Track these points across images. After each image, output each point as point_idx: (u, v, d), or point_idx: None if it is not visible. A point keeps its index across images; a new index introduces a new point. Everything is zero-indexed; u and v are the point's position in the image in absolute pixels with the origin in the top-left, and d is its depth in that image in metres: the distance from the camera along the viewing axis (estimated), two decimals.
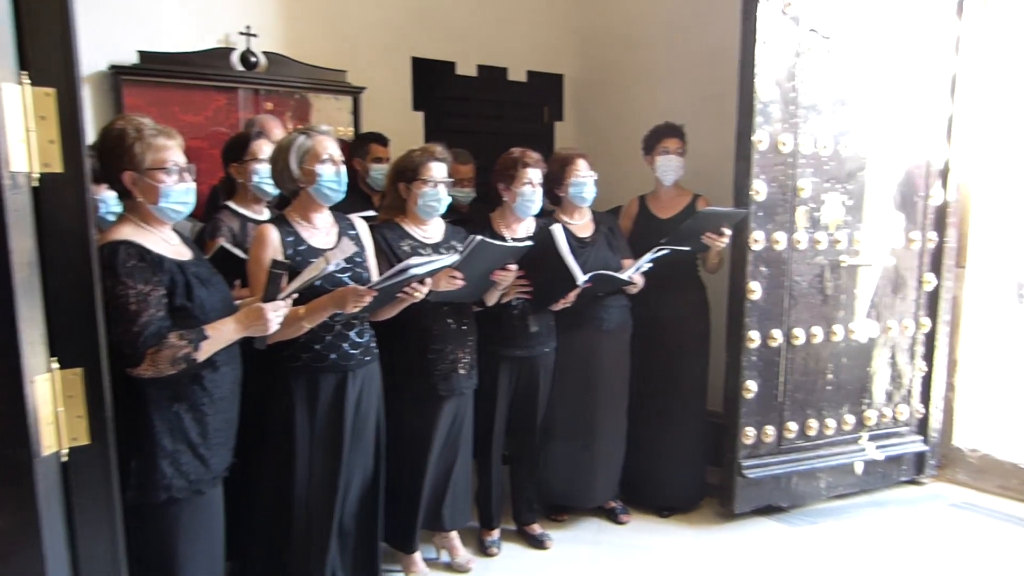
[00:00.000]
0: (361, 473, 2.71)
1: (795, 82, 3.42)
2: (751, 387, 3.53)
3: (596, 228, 3.48)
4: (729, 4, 3.44)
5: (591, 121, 4.79)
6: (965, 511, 3.85)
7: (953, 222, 3.91)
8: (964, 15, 3.77)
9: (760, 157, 3.37)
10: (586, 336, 3.43)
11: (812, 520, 3.71)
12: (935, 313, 3.96)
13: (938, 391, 4.04)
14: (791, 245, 3.53)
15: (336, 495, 2.58)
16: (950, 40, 3.77)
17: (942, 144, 3.83)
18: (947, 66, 3.78)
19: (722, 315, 3.66)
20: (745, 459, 3.60)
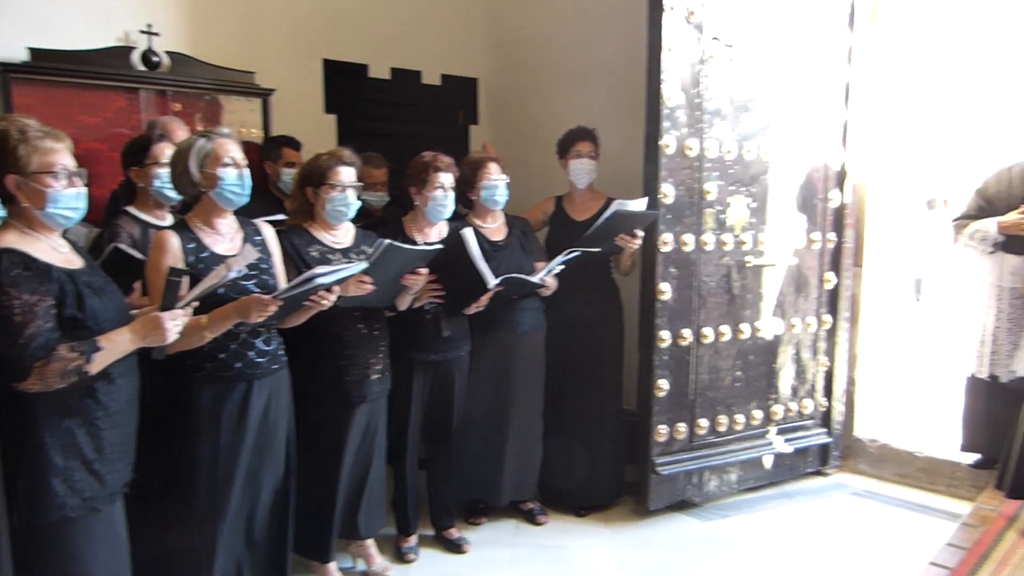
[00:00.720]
0: (271, 483, 2.65)
1: (700, 88, 3.52)
2: (663, 386, 3.61)
3: (509, 231, 3.50)
4: (637, 11, 3.51)
5: (506, 125, 4.81)
6: (865, 499, 4.03)
7: (850, 223, 4.09)
8: (855, 27, 3.95)
9: (668, 161, 3.46)
10: (500, 338, 3.45)
11: (724, 513, 3.81)
12: (835, 310, 4.14)
13: (840, 385, 4.22)
14: (699, 247, 3.62)
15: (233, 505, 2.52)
16: (843, 50, 3.96)
17: (838, 149, 4.01)
18: (841, 75, 3.96)
19: (635, 316, 3.73)
20: (658, 456, 3.67)
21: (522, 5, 4.71)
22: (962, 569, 3.05)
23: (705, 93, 3.54)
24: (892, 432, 4.37)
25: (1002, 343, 3.69)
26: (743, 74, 3.65)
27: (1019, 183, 3.65)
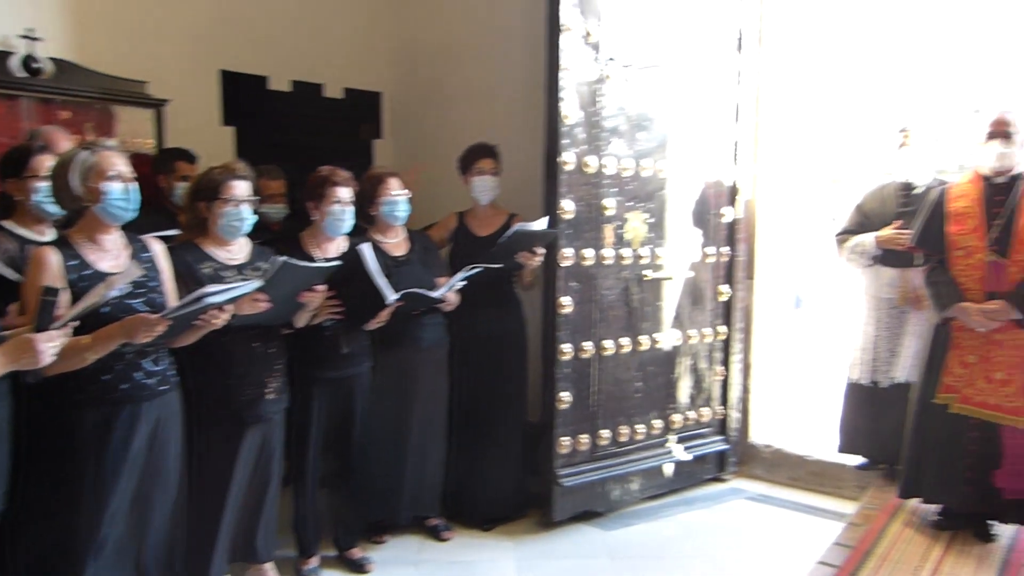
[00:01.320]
0: (162, 508, 2.56)
1: (598, 106, 3.61)
2: (565, 398, 3.66)
3: (411, 246, 3.50)
4: (538, 30, 3.57)
5: (410, 139, 4.81)
6: (760, 503, 4.19)
7: (743, 237, 4.27)
8: (743, 50, 4.15)
9: (567, 177, 3.53)
10: (402, 354, 3.44)
11: (627, 522, 3.89)
12: (730, 321, 4.30)
13: (735, 393, 4.38)
14: (599, 261, 3.70)
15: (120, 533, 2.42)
16: (732, 72, 4.14)
17: (730, 166, 4.18)
18: (730, 95, 4.14)
19: (537, 329, 3.78)
20: (562, 468, 3.71)
21: (426, 21, 4.73)
22: (847, 566, 3.20)
23: (603, 111, 3.63)
24: (785, 438, 4.57)
25: (881, 351, 3.91)
26: (639, 93, 3.76)
27: (892, 200, 3.90)
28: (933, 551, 3.32)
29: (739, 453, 4.47)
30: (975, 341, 3.30)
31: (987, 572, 3.14)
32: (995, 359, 3.26)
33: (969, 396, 3.31)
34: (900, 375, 3.84)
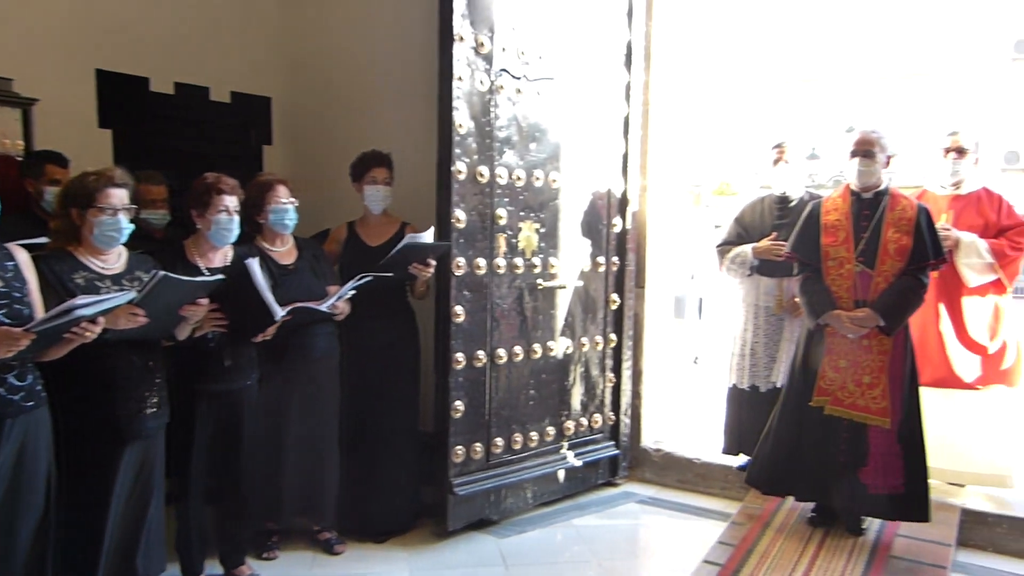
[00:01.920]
0: (28, 527, 2.42)
1: (490, 117, 3.64)
2: (459, 407, 3.66)
3: (299, 255, 3.43)
4: (430, 39, 3.57)
5: (301, 146, 4.71)
6: (651, 505, 4.30)
7: (632, 247, 4.39)
8: (632, 66, 4.27)
9: (460, 187, 3.54)
10: (292, 365, 3.37)
11: (521, 529, 3.92)
12: (620, 329, 4.41)
13: (626, 399, 4.49)
14: (492, 270, 3.73)
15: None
16: (621, 87, 4.25)
17: (619, 177, 4.29)
18: (619, 109, 4.26)
19: (431, 338, 3.77)
20: (456, 477, 3.71)
21: (318, 26, 4.64)
22: (731, 564, 3.33)
23: (495, 122, 3.66)
24: (673, 441, 4.72)
25: (760, 356, 4.09)
26: (531, 105, 3.82)
27: (769, 213, 4.09)
28: (810, 546, 3.49)
29: (630, 457, 4.58)
30: (846, 347, 3.50)
31: (858, 563, 3.33)
32: (863, 364, 3.47)
33: (841, 399, 3.50)
34: (778, 379, 4.02)
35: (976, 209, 3.99)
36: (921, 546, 3.48)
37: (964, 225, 3.95)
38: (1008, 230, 3.94)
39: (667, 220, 4.69)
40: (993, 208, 3.98)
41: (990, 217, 3.96)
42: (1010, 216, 3.99)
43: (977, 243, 3.86)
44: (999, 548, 3.68)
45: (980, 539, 3.72)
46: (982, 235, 3.91)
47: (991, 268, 3.87)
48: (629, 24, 4.24)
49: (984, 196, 4.02)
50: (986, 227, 3.95)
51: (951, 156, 4.03)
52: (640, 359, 4.57)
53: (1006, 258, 3.87)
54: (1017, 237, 3.90)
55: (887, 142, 3.50)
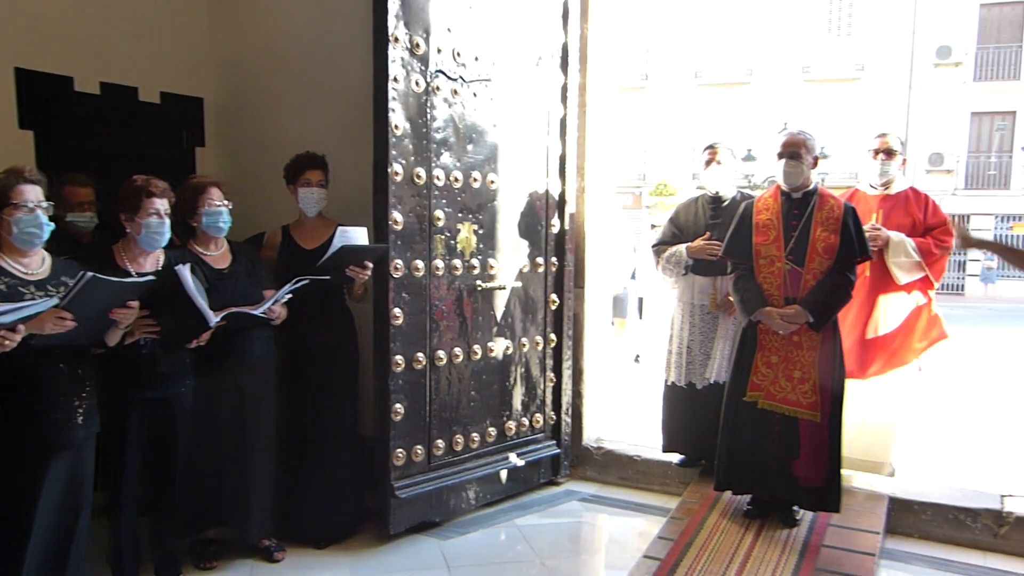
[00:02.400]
0: None
1: (427, 118, 3.63)
2: (399, 410, 3.64)
3: (234, 259, 3.37)
4: (366, 40, 3.54)
5: (235, 147, 4.61)
6: (592, 503, 4.35)
7: (570, 248, 4.43)
8: (569, 68, 4.31)
9: (397, 188, 3.52)
10: (227, 370, 3.31)
11: (464, 531, 3.92)
12: (560, 329, 4.44)
13: (567, 399, 4.52)
14: (430, 271, 3.72)
15: None
16: (557, 88, 4.29)
17: (556, 178, 4.32)
18: (556, 111, 4.29)
19: (370, 341, 3.74)
20: (397, 480, 3.69)
21: (251, 25, 4.55)
22: (670, 559, 3.38)
23: (432, 123, 3.66)
24: (615, 439, 4.77)
25: (696, 354, 4.17)
26: (469, 106, 3.82)
27: (703, 213, 4.17)
28: (746, 538, 3.57)
29: (572, 456, 4.62)
30: (778, 343, 3.59)
31: (792, 554, 3.42)
32: (794, 359, 3.57)
33: (773, 393, 3.60)
34: (714, 376, 4.10)
35: (904, 208, 4.12)
36: (852, 535, 3.59)
37: (893, 224, 4.08)
38: (934, 229, 4.08)
39: (605, 220, 4.74)
40: (920, 207, 4.12)
41: (917, 216, 4.10)
42: (936, 215, 4.13)
43: (906, 242, 3.99)
44: (924, 534, 3.83)
45: (907, 526, 3.86)
46: (910, 234, 4.03)
47: (919, 266, 4.00)
48: (564, 26, 4.27)
49: (912, 195, 4.17)
50: (914, 226, 4.08)
51: (880, 158, 4.16)
52: (580, 358, 4.62)
53: (932, 256, 4.02)
54: (943, 236, 4.04)
55: (813, 143, 3.60)
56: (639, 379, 7.24)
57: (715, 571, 3.29)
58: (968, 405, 7.26)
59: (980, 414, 6.79)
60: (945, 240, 4.04)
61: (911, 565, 3.59)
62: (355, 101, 3.88)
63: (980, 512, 3.76)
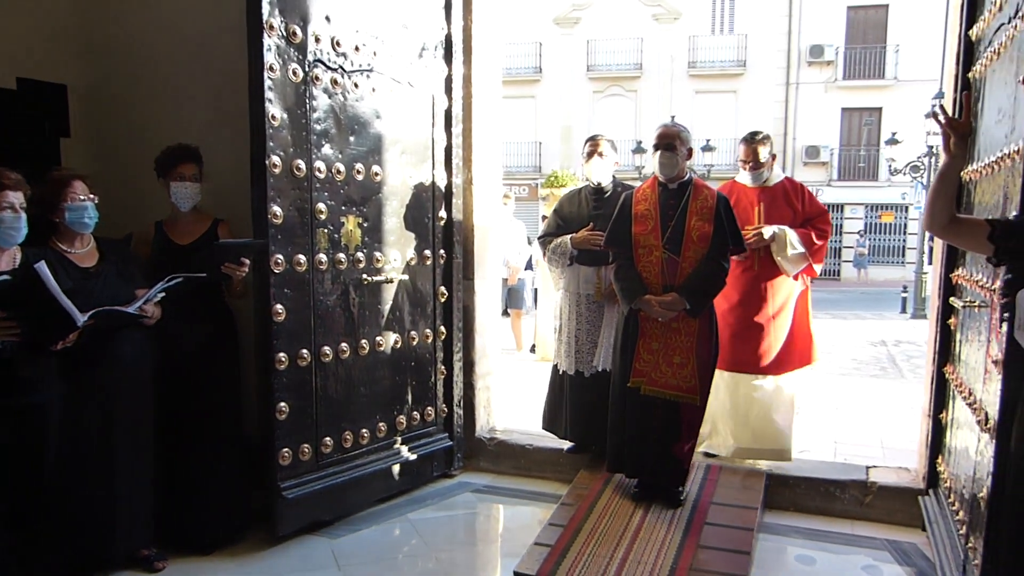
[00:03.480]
0: None
1: (306, 109, 3.54)
2: (284, 408, 3.54)
3: (102, 256, 3.20)
4: (242, 25, 3.42)
5: (104, 138, 4.37)
6: (486, 494, 4.38)
7: (458, 240, 4.42)
8: (453, 60, 4.30)
9: (275, 181, 3.41)
10: (98, 374, 3.14)
11: (355, 528, 3.86)
12: (450, 321, 4.44)
13: (458, 391, 4.52)
14: (314, 266, 3.63)
15: None
16: (442, 79, 4.27)
17: (442, 170, 4.31)
18: (442, 102, 4.27)
19: (252, 339, 3.63)
20: (284, 480, 3.59)
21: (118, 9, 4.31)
22: (560, 544, 3.44)
23: (312, 114, 3.56)
24: (508, 430, 4.81)
25: (584, 343, 4.24)
26: (350, 97, 3.75)
27: (586, 204, 4.25)
28: (633, 520, 3.67)
29: (465, 448, 4.63)
30: (658, 330, 3.70)
31: (677, 532, 3.54)
32: (674, 345, 3.69)
33: (655, 379, 3.71)
34: (601, 364, 4.19)
35: (784, 200, 4.27)
36: (732, 511, 3.74)
37: (775, 216, 4.22)
38: (814, 218, 4.27)
39: (493, 211, 4.77)
40: (798, 198, 4.29)
41: (796, 207, 4.26)
42: (813, 204, 4.32)
43: (788, 235, 4.12)
44: (800, 507, 4.04)
45: (783, 500, 4.07)
46: (791, 225, 4.18)
47: (804, 257, 4.16)
48: (448, 17, 4.26)
49: (788, 187, 4.33)
50: (794, 216, 4.24)
51: (749, 167, 4.27)
52: (471, 350, 4.62)
53: (814, 246, 4.19)
54: (822, 225, 4.24)
55: (687, 135, 3.72)
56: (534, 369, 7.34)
57: (603, 554, 3.36)
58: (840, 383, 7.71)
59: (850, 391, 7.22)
60: (824, 229, 4.23)
61: (787, 537, 3.78)
62: (231, 91, 3.75)
63: (848, 484, 3.99)
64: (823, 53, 24.68)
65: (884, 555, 3.57)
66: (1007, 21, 2.81)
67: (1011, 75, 2.69)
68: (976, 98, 3.42)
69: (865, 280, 24.93)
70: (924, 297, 15.19)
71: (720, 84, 25.67)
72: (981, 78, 3.32)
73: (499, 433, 4.76)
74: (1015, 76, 2.60)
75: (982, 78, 3.30)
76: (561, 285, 4.34)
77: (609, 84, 26.31)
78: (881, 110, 24.97)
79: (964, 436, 3.13)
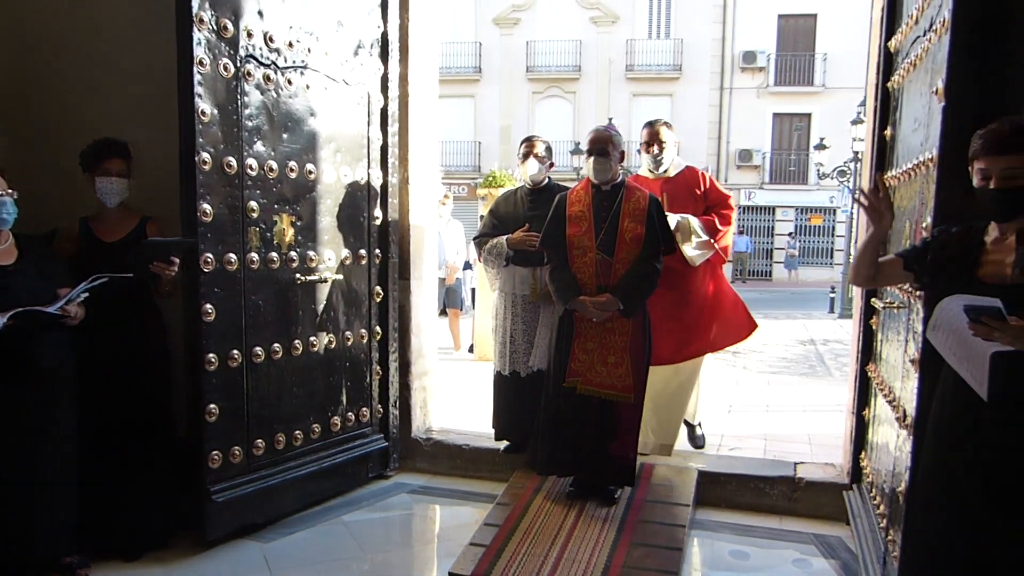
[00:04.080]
0: None
1: (237, 105, 3.47)
2: (214, 410, 3.46)
3: (21, 254, 3.08)
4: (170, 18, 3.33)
5: (25, 131, 4.20)
6: (422, 494, 4.36)
7: (394, 239, 4.40)
8: (389, 58, 4.28)
9: (205, 178, 3.34)
10: (17, 379, 3.01)
11: (288, 531, 3.80)
12: (386, 321, 4.41)
13: (394, 391, 4.49)
14: (245, 265, 3.56)
15: None
16: (377, 77, 4.24)
17: (378, 169, 4.28)
18: (377, 101, 4.24)
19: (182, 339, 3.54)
20: (215, 483, 3.51)
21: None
22: (495, 544, 3.45)
23: (244, 110, 3.50)
24: (444, 430, 4.80)
25: (520, 343, 4.26)
26: (284, 94, 3.69)
27: (523, 204, 4.27)
28: (568, 519, 3.71)
29: (401, 448, 4.60)
30: (593, 330, 3.75)
31: (611, 531, 3.58)
32: (609, 345, 3.74)
33: (591, 379, 3.75)
34: (537, 364, 4.21)
35: (685, 189, 4.33)
36: (665, 509, 3.81)
37: (678, 205, 4.25)
38: (716, 205, 4.32)
39: (430, 211, 4.75)
40: (699, 186, 4.34)
41: (698, 194, 4.32)
42: (715, 191, 4.38)
43: (692, 222, 4.18)
44: (731, 504, 4.13)
45: (715, 497, 4.15)
46: (694, 212, 4.23)
47: (709, 244, 4.21)
48: (384, 15, 4.23)
49: (689, 175, 4.38)
50: (696, 204, 4.29)
51: (653, 150, 4.32)
52: (407, 350, 4.60)
53: (718, 232, 4.25)
54: (724, 211, 4.31)
55: (619, 139, 3.79)
56: (472, 369, 7.34)
57: (538, 553, 3.39)
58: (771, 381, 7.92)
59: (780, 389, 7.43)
60: (727, 215, 4.29)
61: (718, 533, 3.86)
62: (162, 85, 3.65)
63: (777, 480, 4.10)
64: (755, 59, 25.35)
65: (811, 549, 3.68)
66: (922, 34, 2.94)
67: (926, 86, 2.81)
68: (894, 107, 3.57)
69: (796, 281, 25.67)
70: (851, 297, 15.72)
71: (657, 87, 26.11)
72: (899, 88, 3.46)
73: (435, 433, 4.75)
74: (929, 87, 2.72)
75: (900, 88, 3.44)
76: (497, 286, 4.35)
77: (548, 85, 26.51)
78: (810, 116, 25.75)
79: (885, 432, 3.26)
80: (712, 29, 25.54)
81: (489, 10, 26.20)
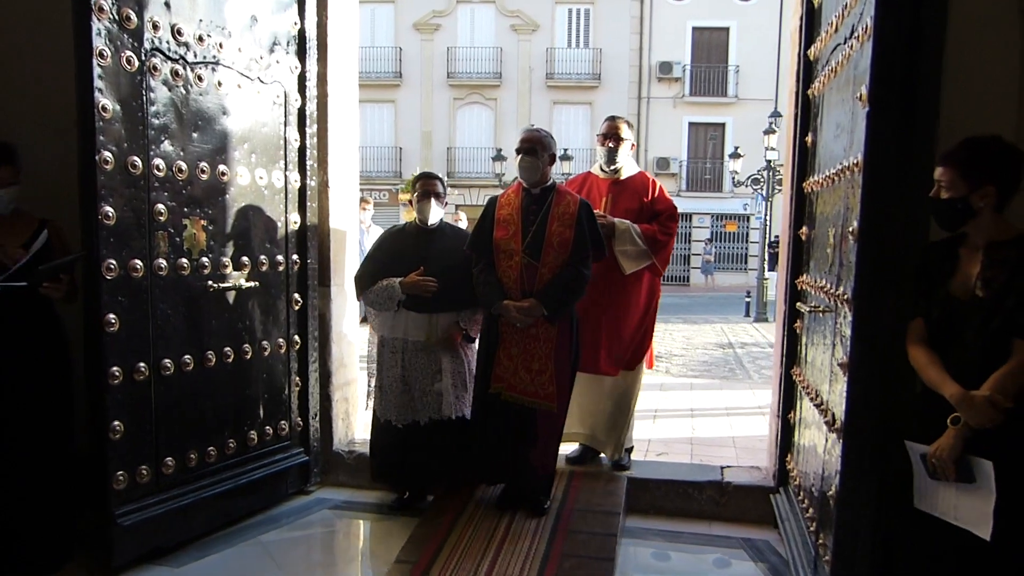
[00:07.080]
0: None
1: (143, 101, 3.25)
2: (118, 427, 3.22)
3: None
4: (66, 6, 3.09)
5: None
6: (345, 510, 4.19)
7: (313, 245, 4.22)
8: (307, 57, 4.11)
9: (107, 179, 3.10)
10: None
11: (201, 554, 3.58)
12: (305, 330, 4.22)
13: (314, 403, 4.31)
14: (152, 272, 3.34)
15: None
16: (295, 77, 4.07)
17: (296, 172, 4.10)
18: (295, 101, 4.07)
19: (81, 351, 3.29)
20: (120, 505, 3.27)
21: None
22: (423, 561, 3.32)
23: (149, 107, 3.28)
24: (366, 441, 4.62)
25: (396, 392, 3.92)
26: (194, 91, 3.49)
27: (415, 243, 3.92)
28: (498, 532, 3.60)
29: (322, 462, 4.42)
30: (517, 336, 3.67)
31: (541, 542, 3.50)
32: (533, 351, 3.67)
33: (514, 385, 3.67)
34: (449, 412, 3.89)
35: (632, 192, 4.13)
36: (596, 517, 3.75)
37: (621, 208, 4.07)
38: (660, 215, 4.10)
39: (350, 216, 4.60)
40: (647, 191, 4.13)
41: (644, 200, 4.10)
42: (662, 200, 4.15)
43: (631, 229, 3.97)
44: (660, 509, 4.12)
45: (644, 504, 4.13)
46: (636, 219, 4.03)
47: (645, 254, 4.01)
48: (301, 12, 4.06)
49: (639, 180, 4.19)
50: (641, 210, 4.08)
51: (608, 144, 4.13)
52: (328, 360, 4.42)
53: (658, 243, 4.03)
54: (668, 222, 4.09)
55: (551, 141, 3.71)
56: None
57: (468, 567, 3.27)
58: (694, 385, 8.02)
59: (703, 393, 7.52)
60: (670, 227, 4.09)
61: (648, 540, 3.84)
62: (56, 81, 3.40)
63: (705, 485, 4.11)
64: (671, 70, 25.94)
65: (739, 552, 3.69)
66: (843, 42, 2.98)
67: (848, 92, 2.84)
68: (815, 114, 3.62)
69: (712, 286, 26.31)
70: (766, 301, 16.19)
71: (576, 96, 26.42)
72: (820, 95, 3.51)
73: (358, 445, 4.58)
74: (852, 93, 2.75)
75: (821, 95, 3.48)
76: (383, 330, 4.01)
77: (469, 92, 26.48)
78: (724, 125, 26.51)
79: (812, 435, 3.28)
80: (630, 39, 26.01)
81: (409, 15, 26.01)
